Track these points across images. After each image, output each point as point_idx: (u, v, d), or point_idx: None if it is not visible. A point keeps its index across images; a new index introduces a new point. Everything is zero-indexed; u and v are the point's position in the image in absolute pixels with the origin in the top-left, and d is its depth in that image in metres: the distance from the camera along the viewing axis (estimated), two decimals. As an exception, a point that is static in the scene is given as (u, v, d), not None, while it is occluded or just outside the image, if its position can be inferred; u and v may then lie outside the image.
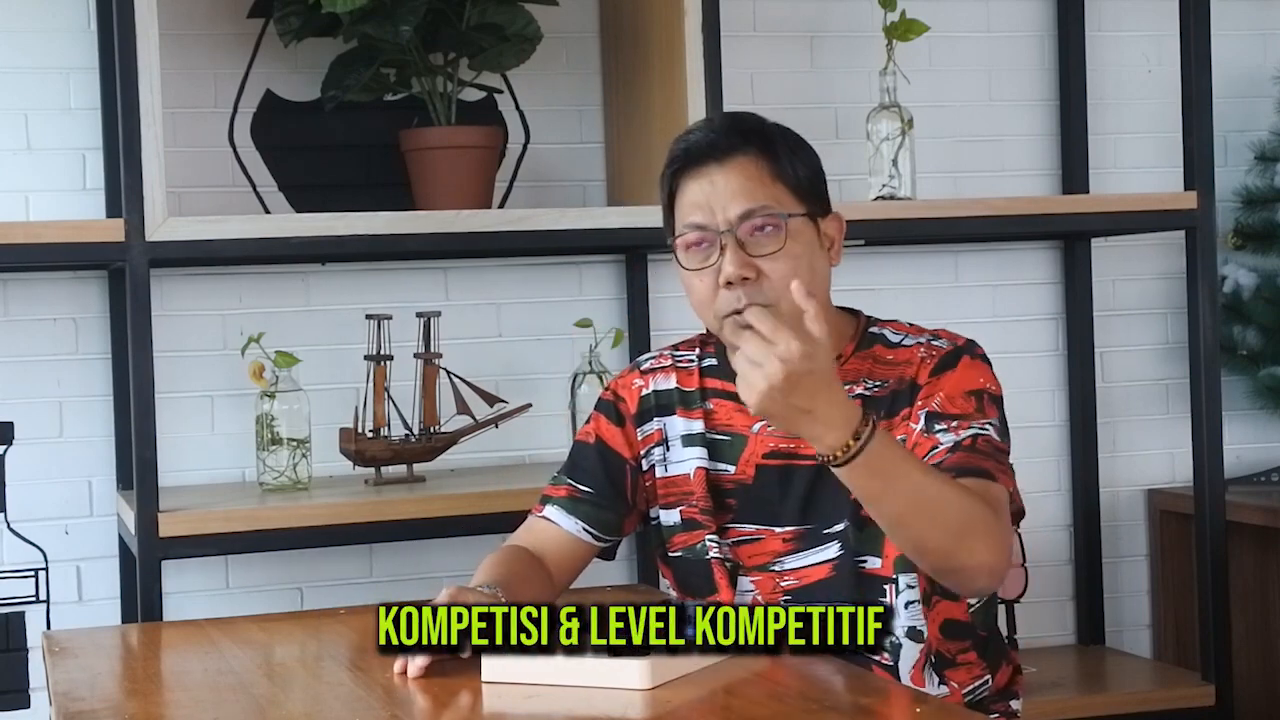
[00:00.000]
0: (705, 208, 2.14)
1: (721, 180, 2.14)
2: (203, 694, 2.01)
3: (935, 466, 2.03)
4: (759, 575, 2.22)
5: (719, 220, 2.13)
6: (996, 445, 2.09)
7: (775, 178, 2.15)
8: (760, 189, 2.14)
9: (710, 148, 2.16)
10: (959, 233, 3.32)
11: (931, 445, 2.09)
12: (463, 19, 3.08)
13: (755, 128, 2.19)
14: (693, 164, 2.17)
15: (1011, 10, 3.63)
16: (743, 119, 2.23)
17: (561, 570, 2.28)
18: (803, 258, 2.14)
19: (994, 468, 2.06)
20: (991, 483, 2.03)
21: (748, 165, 2.15)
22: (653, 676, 1.84)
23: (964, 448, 2.06)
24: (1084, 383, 3.60)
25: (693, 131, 2.21)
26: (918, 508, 1.93)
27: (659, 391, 2.31)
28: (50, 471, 3.15)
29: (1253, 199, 3.65)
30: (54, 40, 3.15)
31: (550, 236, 2.97)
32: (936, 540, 1.94)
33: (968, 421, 2.09)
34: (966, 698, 2.20)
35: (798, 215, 2.15)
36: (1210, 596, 3.25)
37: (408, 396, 3.10)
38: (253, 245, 2.85)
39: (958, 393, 2.12)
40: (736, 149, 2.15)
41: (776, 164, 2.16)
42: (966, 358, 2.16)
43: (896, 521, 1.95)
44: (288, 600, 3.23)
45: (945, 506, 1.93)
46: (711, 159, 2.15)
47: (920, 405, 2.13)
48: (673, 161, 2.20)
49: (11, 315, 3.13)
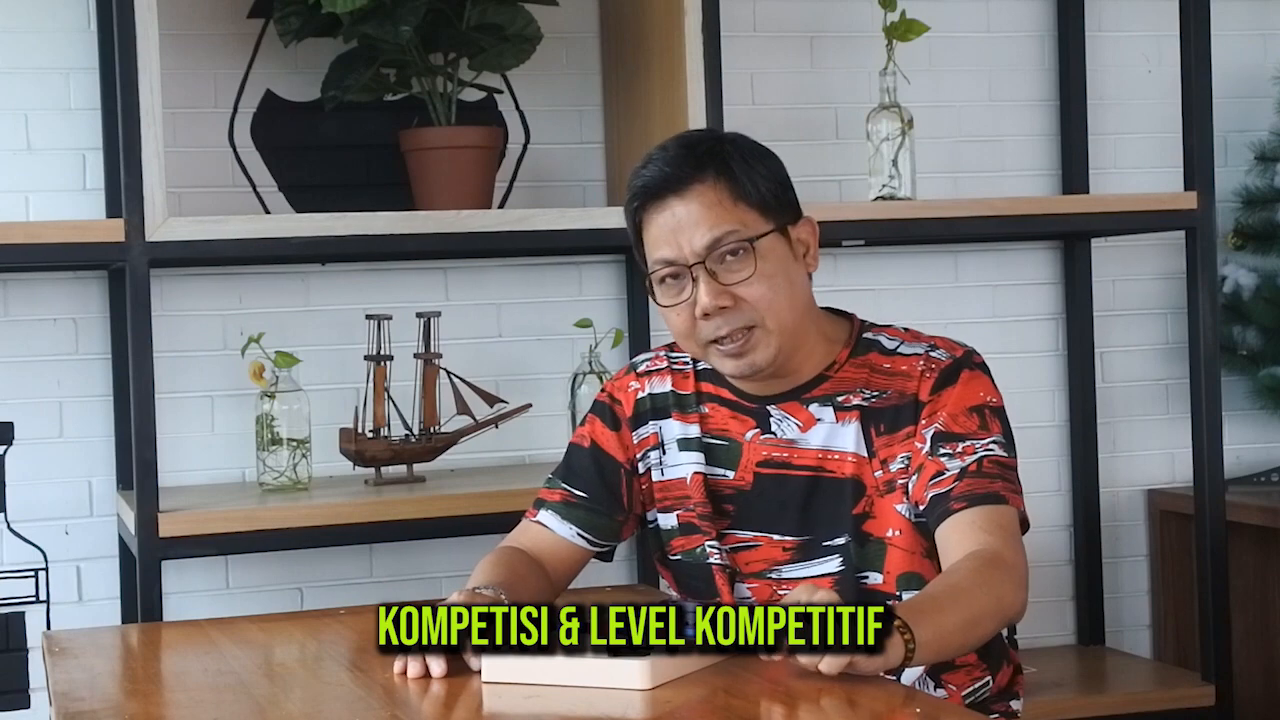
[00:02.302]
0: (672, 242, 2.12)
1: (683, 211, 2.12)
2: (203, 694, 2.01)
3: (946, 495, 2.05)
4: (756, 582, 2.22)
5: (686, 253, 2.11)
6: (1003, 463, 2.10)
7: (736, 199, 2.12)
8: (723, 214, 2.11)
9: (666, 181, 2.13)
10: (959, 233, 3.32)
11: (938, 470, 2.09)
12: (463, 19, 3.08)
13: (710, 150, 2.15)
14: (652, 198, 2.14)
15: (1011, 10, 3.63)
16: (695, 142, 2.18)
17: (558, 575, 2.28)
18: (777, 276, 2.13)
19: (1003, 489, 2.08)
20: (1004, 508, 2.06)
21: (706, 193, 2.12)
22: (653, 676, 1.84)
23: (970, 473, 2.07)
24: (1084, 383, 3.60)
25: (648, 165, 2.16)
26: (970, 628, 1.95)
27: (654, 395, 2.30)
28: (50, 471, 3.15)
29: (1253, 199, 3.65)
30: (54, 40, 3.15)
31: (550, 237, 2.97)
32: (991, 628, 2.00)
33: (973, 444, 2.10)
34: (967, 699, 2.19)
35: (765, 234, 2.12)
36: (1210, 596, 3.25)
37: (408, 396, 3.10)
38: (253, 245, 2.85)
39: (960, 410, 2.12)
40: (692, 177, 2.12)
41: (735, 184, 2.12)
42: (966, 371, 2.16)
43: (966, 646, 2.00)
44: (288, 600, 3.23)
45: (982, 602, 1.96)
46: (670, 192, 2.12)
47: (924, 424, 2.13)
48: (633, 199, 2.17)
49: (11, 315, 3.13)
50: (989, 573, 1.98)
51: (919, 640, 1.84)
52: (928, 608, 1.91)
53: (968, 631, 1.95)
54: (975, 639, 1.99)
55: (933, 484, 2.08)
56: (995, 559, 2.00)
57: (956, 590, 1.96)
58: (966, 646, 2.00)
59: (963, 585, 1.97)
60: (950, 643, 1.93)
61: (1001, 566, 1.99)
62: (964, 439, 2.10)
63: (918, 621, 1.85)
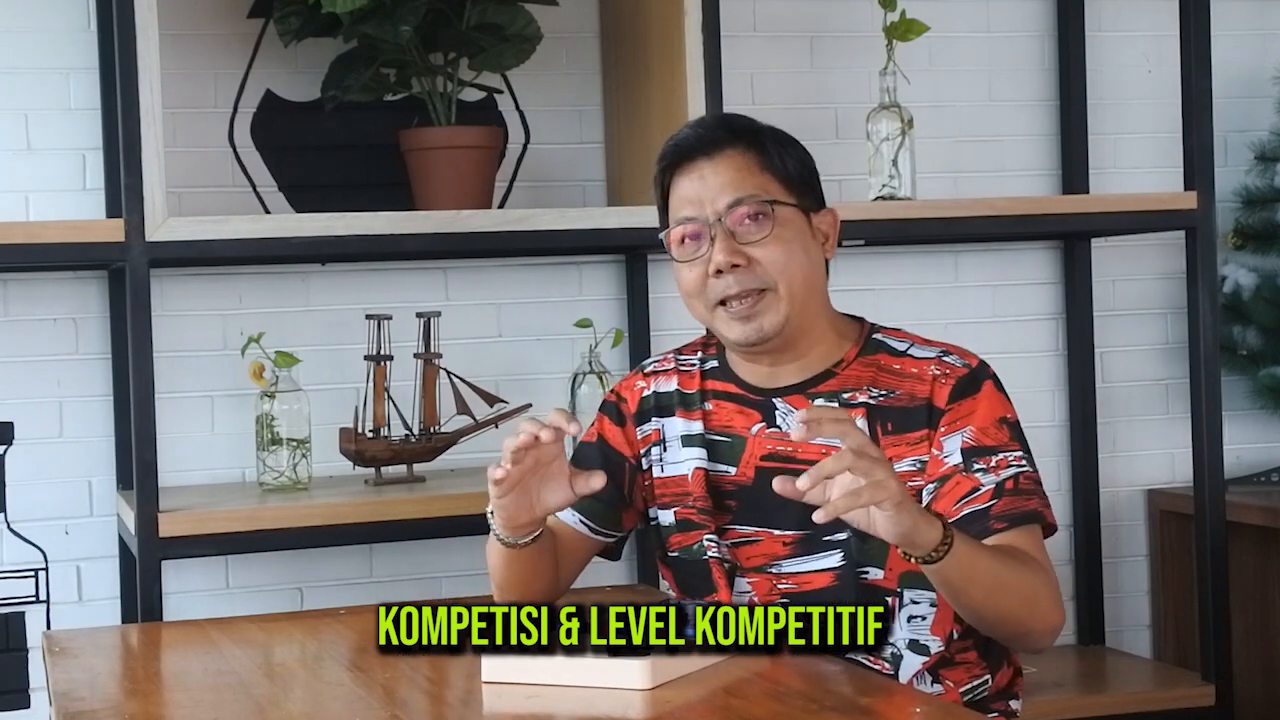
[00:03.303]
0: (695, 201, 2.18)
1: (711, 174, 2.18)
2: (203, 694, 2.01)
3: (984, 512, 2.08)
4: (756, 577, 2.22)
5: (708, 211, 2.17)
6: (1034, 478, 2.13)
7: (764, 169, 2.18)
8: (748, 179, 2.17)
9: (699, 143, 2.20)
10: (959, 233, 3.32)
11: (973, 486, 2.10)
12: (463, 19, 3.08)
13: (745, 125, 2.23)
14: (683, 160, 2.20)
15: (1011, 10, 3.63)
16: (733, 117, 2.27)
17: (563, 562, 2.28)
18: (794, 243, 2.17)
19: (1039, 505, 2.12)
20: (1040, 527, 2.11)
21: (736, 158, 2.18)
22: (653, 676, 1.84)
23: (1008, 491, 2.10)
24: (1084, 383, 3.60)
25: (683, 130, 2.24)
26: (997, 587, 2.00)
27: (659, 393, 2.31)
28: (50, 471, 3.15)
29: (1253, 199, 3.65)
30: (54, 40, 3.14)
31: (550, 236, 2.97)
32: (1014, 612, 2.03)
33: (1005, 457, 2.12)
34: (966, 697, 2.19)
35: (786, 204, 2.17)
36: (1210, 596, 3.25)
37: (408, 396, 3.10)
38: (253, 245, 2.85)
39: (990, 423, 2.14)
40: (725, 143, 2.19)
41: (765, 156, 2.19)
42: (989, 384, 2.17)
43: (981, 604, 2.01)
44: (288, 600, 3.23)
45: (1017, 580, 2.01)
46: (701, 154, 2.19)
47: (944, 431, 2.14)
48: (663, 158, 2.23)
49: (11, 315, 3.13)
50: (1038, 575, 2.05)
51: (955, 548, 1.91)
52: (974, 544, 1.98)
53: (993, 588, 1.99)
54: (995, 603, 2.00)
55: (968, 500, 2.09)
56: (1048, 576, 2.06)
57: (1005, 555, 2.02)
58: (982, 604, 2.01)
59: (1015, 557, 2.03)
60: (975, 580, 1.97)
61: (1049, 581, 2.06)
62: (996, 452, 2.12)
63: (963, 539, 1.94)
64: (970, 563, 1.96)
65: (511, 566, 2.20)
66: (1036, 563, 2.06)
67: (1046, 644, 2.11)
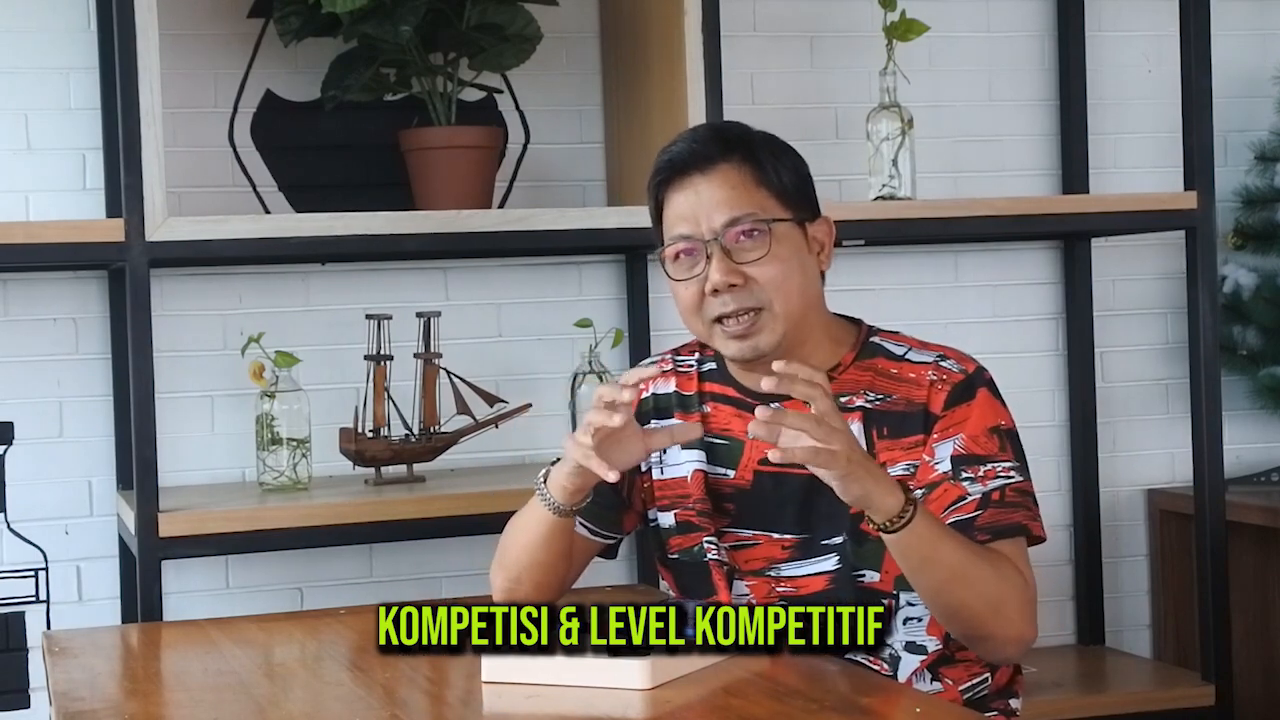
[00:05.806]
0: (691, 218, 2.16)
1: (706, 189, 2.15)
2: (203, 694, 2.01)
3: (969, 522, 2.07)
4: (754, 580, 2.22)
5: (704, 229, 2.14)
6: (1023, 489, 2.12)
7: (759, 184, 2.16)
8: (744, 196, 2.15)
9: (693, 158, 2.17)
10: (959, 233, 3.32)
11: (959, 495, 2.10)
12: (463, 19, 3.08)
13: (738, 136, 2.20)
14: (677, 175, 2.18)
15: (1011, 10, 3.62)
16: (726, 128, 2.24)
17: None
18: (790, 261, 2.15)
19: (1025, 518, 2.11)
20: (1023, 540, 2.10)
21: (731, 173, 2.16)
22: (653, 676, 1.84)
23: (994, 503, 2.09)
24: (1084, 383, 3.60)
25: (676, 143, 2.21)
26: (958, 577, 2.00)
27: (658, 395, 2.31)
28: (50, 471, 3.15)
29: (1253, 199, 3.65)
30: (54, 40, 3.14)
31: (550, 236, 2.97)
32: (974, 608, 2.03)
33: (994, 467, 2.11)
34: (966, 696, 2.19)
35: (783, 220, 2.15)
36: (1210, 596, 3.25)
37: (408, 396, 3.10)
38: (253, 245, 2.85)
39: (981, 431, 2.13)
40: (719, 158, 2.16)
41: (760, 171, 2.16)
42: (984, 391, 2.16)
43: (938, 589, 2.02)
44: (288, 600, 3.23)
45: (983, 576, 2.02)
46: (695, 169, 2.16)
47: (937, 438, 2.13)
48: (657, 173, 2.21)
49: (11, 315, 3.13)
50: (1010, 582, 2.04)
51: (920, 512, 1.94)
52: (942, 528, 2.01)
53: (955, 577, 2.00)
54: (953, 592, 2.01)
55: (954, 509, 2.09)
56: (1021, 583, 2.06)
57: (979, 552, 2.03)
58: (945, 589, 2.01)
59: (985, 556, 2.03)
60: (940, 556, 1.98)
61: (1023, 591, 2.06)
62: (985, 461, 2.11)
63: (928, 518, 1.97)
64: (932, 543, 1.97)
65: (548, 542, 2.19)
66: (1014, 570, 2.06)
67: (1011, 654, 2.11)
